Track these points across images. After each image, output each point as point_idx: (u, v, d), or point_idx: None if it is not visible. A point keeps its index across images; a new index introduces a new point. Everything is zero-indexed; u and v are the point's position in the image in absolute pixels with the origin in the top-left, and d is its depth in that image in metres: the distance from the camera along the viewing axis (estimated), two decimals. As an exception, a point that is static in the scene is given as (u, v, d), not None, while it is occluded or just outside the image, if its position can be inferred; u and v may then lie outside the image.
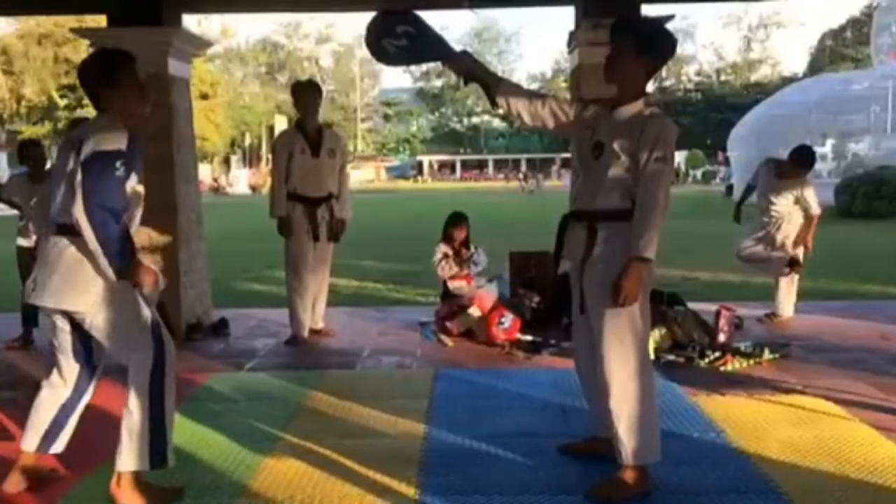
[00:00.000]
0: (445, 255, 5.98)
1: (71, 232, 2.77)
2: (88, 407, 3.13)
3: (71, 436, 3.08)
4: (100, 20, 6.19)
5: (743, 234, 6.43)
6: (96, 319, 2.83)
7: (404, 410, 3.96)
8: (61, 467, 3.21)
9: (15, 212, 5.75)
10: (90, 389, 3.11)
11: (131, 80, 2.92)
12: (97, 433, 3.26)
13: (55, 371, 3.04)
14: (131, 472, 2.87)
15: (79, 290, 2.80)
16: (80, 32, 6.33)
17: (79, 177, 2.69)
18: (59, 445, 3.06)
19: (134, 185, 2.89)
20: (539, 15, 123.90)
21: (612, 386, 2.91)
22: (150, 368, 2.85)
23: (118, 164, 2.73)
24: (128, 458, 2.85)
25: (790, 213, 6.07)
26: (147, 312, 2.89)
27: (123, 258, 2.74)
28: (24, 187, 5.54)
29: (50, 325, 2.99)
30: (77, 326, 2.93)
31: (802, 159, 6.07)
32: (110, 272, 2.75)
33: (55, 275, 2.81)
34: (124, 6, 5.79)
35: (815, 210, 6.05)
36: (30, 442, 3.02)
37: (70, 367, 3.02)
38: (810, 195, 6.02)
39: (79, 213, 2.68)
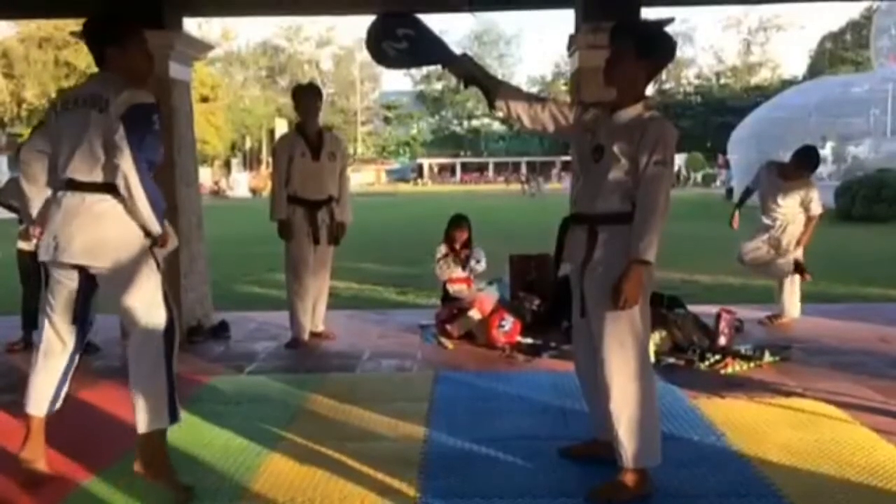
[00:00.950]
0: (444, 255, 6.00)
1: (99, 189, 2.80)
2: (91, 408, 3.14)
3: (75, 435, 3.10)
4: (101, 23, 6.19)
5: (743, 237, 6.42)
6: (120, 276, 2.87)
7: (404, 413, 3.96)
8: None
9: (12, 215, 5.74)
10: (81, 346, 3.16)
11: (138, 41, 2.97)
12: (99, 434, 3.27)
13: (52, 335, 3.06)
14: (158, 441, 2.95)
15: (111, 246, 2.83)
16: (81, 35, 6.34)
17: (120, 131, 2.71)
18: (59, 402, 3.14)
19: None
20: (539, 18, 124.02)
21: (613, 389, 2.91)
22: (163, 329, 2.91)
23: (154, 117, 2.80)
24: (152, 416, 2.91)
25: (795, 214, 6.03)
26: (160, 275, 2.95)
27: (162, 215, 2.82)
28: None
29: (53, 284, 3.01)
30: (87, 285, 2.96)
31: (807, 160, 6.02)
32: (157, 226, 2.82)
33: (83, 231, 2.82)
34: (125, 9, 5.78)
35: (817, 210, 6.03)
36: (39, 407, 3.07)
37: (67, 329, 3.07)
38: (815, 196, 6.01)
39: (128, 169, 2.72)
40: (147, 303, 2.92)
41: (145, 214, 2.80)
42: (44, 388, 3.07)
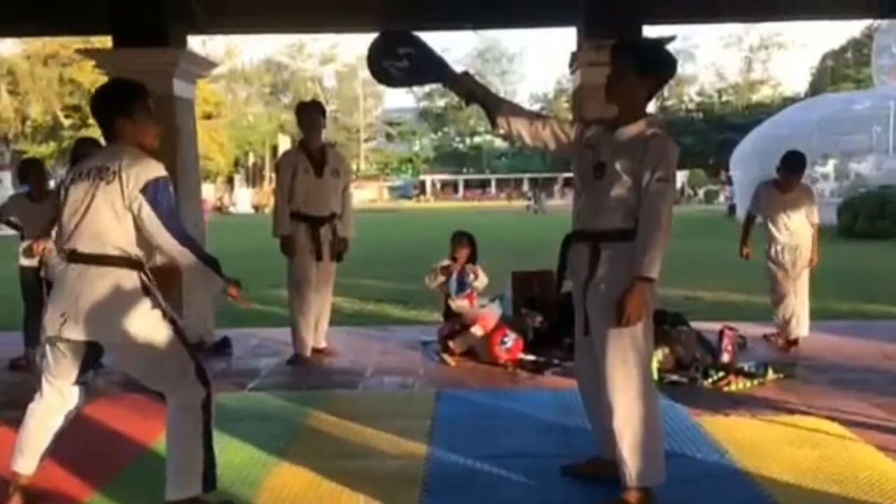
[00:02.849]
0: (441, 267, 5.98)
1: (103, 261, 2.78)
2: (94, 424, 3.13)
3: (77, 451, 3.08)
4: (106, 41, 6.25)
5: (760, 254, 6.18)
6: (136, 351, 2.83)
7: (407, 431, 3.95)
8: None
9: (14, 232, 5.76)
10: (82, 404, 3.11)
11: (146, 111, 2.94)
12: (101, 450, 3.26)
13: (50, 391, 2.99)
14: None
15: (123, 321, 2.78)
16: (87, 53, 6.41)
17: (146, 208, 2.73)
18: (46, 458, 3.06)
19: None
20: (541, 36, 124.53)
21: (616, 406, 2.90)
22: (200, 404, 2.88)
23: (170, 188, 2.82)
24: (182, 483, 2.85)
25: (802, 225, 5.93)
26: (183, 347, 2.91)
27: (218, 267, 2.84)
28: (24, 207, 5.56)
29: (57, 354, 2.92)
30: (92, 348, 2.92)
31: (795, 163, 5.95)
32: (219, 281, 2.85)
33: (95, 306, 2.77)
34: (130, 27, 5.84)
35: (815, 218, 5.99)
36: (27, 466, 2.98)
37: (70, 390, 3.00)
38: (813, 203, 5.99)
39: (166, 241, 2.76)
40: (173, 378, 2.87)
41: (203, 275, 2.85)
42: (35, 446, 2.98)
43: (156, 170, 2.81)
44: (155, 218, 2.74)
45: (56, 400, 3.00)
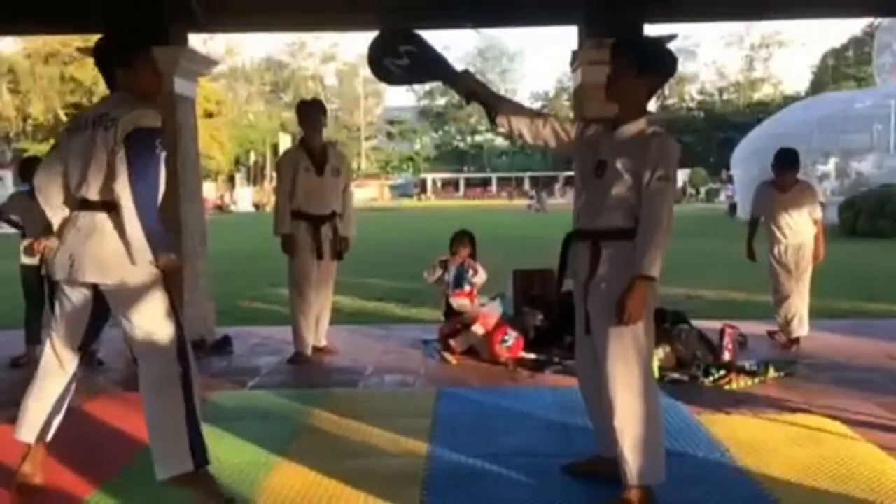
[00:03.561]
0: (440, 261, 5.99)
1: (109, 207, 2.80)
2: (94, 421, 3.14)
3: (78, 448, 3.09)
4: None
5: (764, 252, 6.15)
6: (126, 293, 2.85)
7: (407, 429, 3.95)
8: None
9: (15, 230, 5.77)
10: (78, 374, 3.14)
11: (147, 61, 2.99)
12: (102, 448, 3.26)
13: (52, 357, 3.04)
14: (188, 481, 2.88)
15: (118, 262, 2.82)
16: (87, 51, 6.36)
17: (121, 153, 2.73)
18: (51, 432, 3.10)
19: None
20: (542, 34, 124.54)
21: (617, 405, 2.90)
22: (174, 351, 2.88)
23: (157, 142, 2.80)
24: (171, 461, 2.84)
25: (805, 224, 5.90)
26: (172, 312, 2.93)
27: (165, 243, 2.82)
28: (25, 205, 5.55)
29: (64, 305, 2.99)
30: (98, 305, 2.95)
31: (787, 159, 5.91)
32: (144, 254, 2.79)
33: (97, 249, 2.83)
34: (131, 25, 5.83)
35: (818, 214, 5.96)
36: (30, 433, 3.03)
37: (69, 354, 3.05)
38: (816, 200, 5.96)
39: (122, 191, 2.73)
40: (153, 321, 2.89)
41: (134, 239, 2.77)
42: (36, 413, 3.03)
43: (147, 119, 2.81)
44: (124, 165, 2.74)
45: (53, 365, 3.05)
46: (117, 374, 5.27)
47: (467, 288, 5.99)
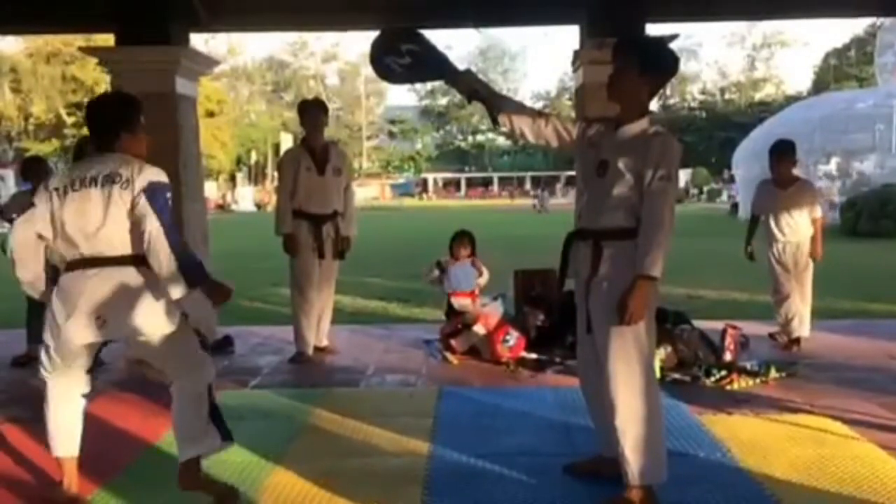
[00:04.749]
0: (437, 262, 5.99)
1: (131, 262, 2.87)
2: (96, 421, 3.15)
3: (80, 449, 3.12)
4: (108, 39, 6.25)
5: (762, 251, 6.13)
6: (164, 344, 2.93)
7: (409, 429, 3.95)
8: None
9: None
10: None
11: (140, 124, 3.06)
12: (104, 447, 3.26)
13: (65, 382, 3.07)
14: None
15: (160, 315, 2.90)
16: (89, 51, 6.41)
17: (142, 200, 2.81)
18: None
19: None
20: (544, 34, 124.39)
21: (618, 405, 2.90)
22: (208, 382, 3.05)
23: (168, 195, 2.91)
24: (196, 441, 2.99)
25: (804, 222, 5.85)
26: (192, 330, 3.08)
27: (197, 274, 2.87)
28: (27, 205, 5.54)
29: (67, 352, 2.97)
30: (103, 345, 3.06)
31: (782, 150, 5.87)
32: (180, 287, 2.83)
33: (128, 305, 2.87)
34: (133, 25, 5.84)
35: (818, 213, 5.93)
36: (71, 447, 3.09)
37: (84, 379, 3.12)
38: (815, 199, 5.94)
39: (152, 224, 2.80)
40: (191, 364, 3.02)
41: (166, 271, 2.80)
42: (71, 428, 3.09)
43: (160, 176, 2.93)
44: (149, 208, 2.81)
45: (72, 388, 3.10)
46: (118, 374, 5.28)
47: (475, 289, 5.98)
